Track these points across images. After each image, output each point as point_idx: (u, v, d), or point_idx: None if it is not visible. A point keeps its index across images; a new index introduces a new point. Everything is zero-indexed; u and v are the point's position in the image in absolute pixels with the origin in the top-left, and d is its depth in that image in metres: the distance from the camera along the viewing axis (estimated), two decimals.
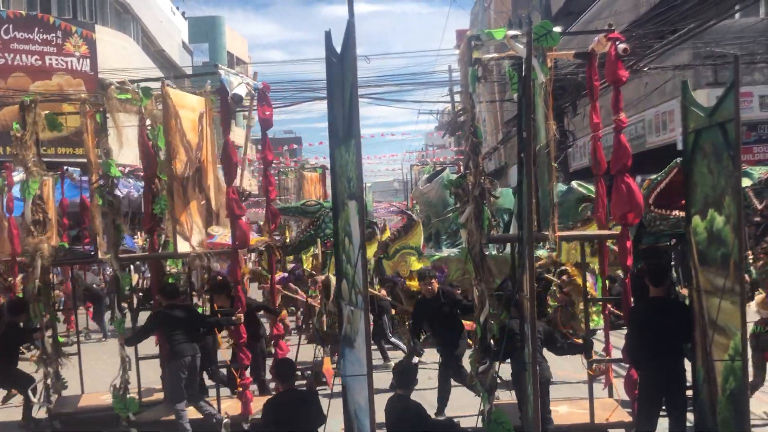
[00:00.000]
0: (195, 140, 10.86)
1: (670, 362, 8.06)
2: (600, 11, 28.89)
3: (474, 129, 8.53)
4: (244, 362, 10.65)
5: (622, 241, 9.02)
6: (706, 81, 21.41)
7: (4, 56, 35.29)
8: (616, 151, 8.93)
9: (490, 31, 8.68)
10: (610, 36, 8.83)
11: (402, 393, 7.39)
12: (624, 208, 8.78)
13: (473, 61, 8.54)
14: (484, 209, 8.57)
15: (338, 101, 6.84)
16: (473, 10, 55.97)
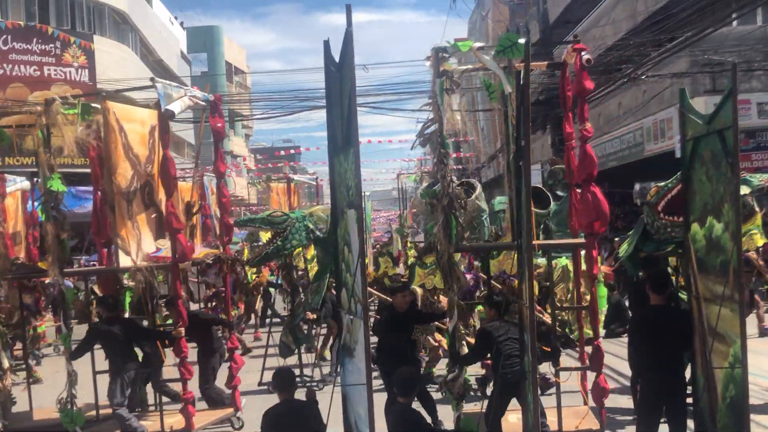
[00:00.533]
0: (144, 153, 10.75)
1: (671, 370, 8.05)
2: (597, 20, 28.96)
3: (442, 140, 8.71)
4: (185, 377, 10.52)
5: (589, 249, 9.07)
6: (704, 88, 21.44)
7: (3, 67, 35.35)
8: (582, 161, 8.96)
9: (457, 43, 8.80)
10: (575, 47, 8.93)
11: (404, 401, 7.38)
12: (590, 216, 8.85)
13: (441, 72, 8.68)
14: (452, 219, 8.67)
15: (337, 110, 6.85)
16: (471, 19, 56.08)
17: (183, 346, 10.47)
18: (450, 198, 8.67)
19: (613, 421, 10.93)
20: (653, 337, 8.15)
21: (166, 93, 10.41)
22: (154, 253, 10.78)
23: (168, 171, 10.27)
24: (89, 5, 40.03)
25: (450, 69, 8.80)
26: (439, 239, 8.76)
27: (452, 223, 8.68)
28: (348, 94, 6.20)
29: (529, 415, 7.20)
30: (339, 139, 6.85)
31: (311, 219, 12.72)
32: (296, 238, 12.47)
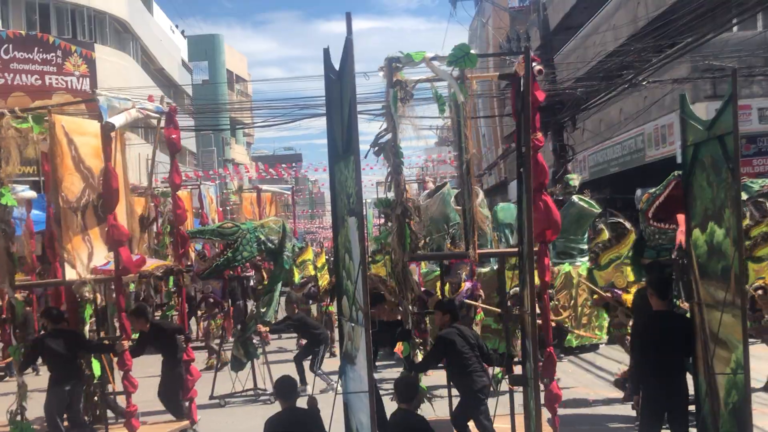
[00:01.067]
0: (99, 166, 10.68)
1: (674, 376, 8.04)
2: (598, 25, 28.99)
3: (396, 149, 8.73)
4: (129, 389, 10.42)
5: (541, 258, 9.13)
6: (704, 94, 21.45)
7: (4, 76, 35.38)
8: (533, 170, 9.02)
9: (410, 53, 8.84)
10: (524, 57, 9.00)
11: (405, 407, 7.37)
12: (542, 225, 8.90)
13: (394, 83, 8.75)
14: (406, 228, 8.73)
15: (337, 118, 6.86)
16: (472, 26, 56.12)
17: (127, 359, 10.38)
18: (404, 207, 8.75)
19: (616, 429, 10.92)
20: (656, 343, 8.13)
21: (110, 105, 10.33)
22: (102, 265, 10.76)
23: (110, 184, 10.17)
24: (90, 14, 40.11)
25: (403, 79, 8.89)
26: (393, 248, 8.86)
27: (406, 232, 8.76)
28: (348, 101, 6.20)
29: (531, 423, 7.19)
30: (339, 147, 6.86)
31: (263, 230, 12.68)
32: (247, 249, 12.40)
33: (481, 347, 9.38)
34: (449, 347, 9.15)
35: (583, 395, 12.76)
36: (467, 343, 9.14)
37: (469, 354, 9.10)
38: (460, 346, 9.08)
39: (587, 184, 29.82)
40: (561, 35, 32.22)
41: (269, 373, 13.53)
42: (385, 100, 8.93)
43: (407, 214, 8.74)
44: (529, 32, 31.38)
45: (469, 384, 9.13)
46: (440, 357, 9.41)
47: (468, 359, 9.09)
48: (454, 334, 9.23)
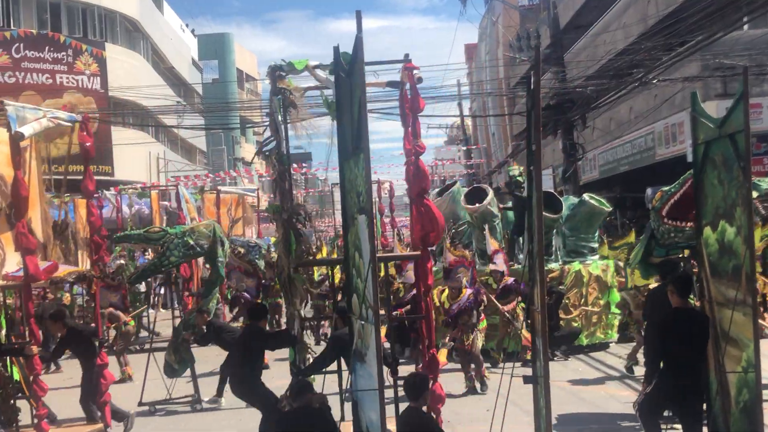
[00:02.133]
0: (10, 174, 10.59)
1: (693, 373, 8.01)
2: (608, 24, 28.93)
3: (280, 157, 8.89)
4: (38, 393, 10.42)
5: (424, 261, 9.22)
6: (715, 92, 21.38)
7: (15, 75, 35.56)
8: (415, 175, 9.11)
9: (292, 62, 9.05)
10: (407, 66, 9.07)
11: (414, 405, 7.37)
12: (425, 229, 8.99)
13: (277, 90, 8.93)
14: (291, 234, 8.85)
15: (347, 116, 6.87)
16: (481, 25, 56.06)
17: (36, 363, 10.38)
18: (289, 214, 8.87)
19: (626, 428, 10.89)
20: (676, 340, 8.10)
21: (18, 115, 10.27)
22: (14, 272, 10.77)
23: (19, 192, 10.17)
24: (101, 13, 40.23)
25: (288, 86, 9.06)
26: (279, 254, 9.03)
27: (292, 238, 8.88)
28: (358, 100, 6.21)
29: (541, 421, 7.18)
30: (349, 145, 6.86)
31: (192, 235, 12.58)
32: (174, 254, 12.26)
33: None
34: (342, 347, 9.23)
35: (592, 394, 12.73)
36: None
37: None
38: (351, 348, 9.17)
39: (597, 183, 29.79)
40: (571, 33, 32.14)
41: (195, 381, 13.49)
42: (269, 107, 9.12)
43: (294, 220, 8.89)
44: (539, 30, 31.31)
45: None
46: (333, 357, 9.45)
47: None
48: (346, 335, 9.30)
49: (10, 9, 36.93)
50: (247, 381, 10.04)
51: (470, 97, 60.68)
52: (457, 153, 63.59)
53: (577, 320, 16.48)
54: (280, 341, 10.22)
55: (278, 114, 8.97)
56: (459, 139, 65.09)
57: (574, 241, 17.55)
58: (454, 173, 56.03)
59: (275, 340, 10.39)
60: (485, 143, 60.89)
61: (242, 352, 10.32)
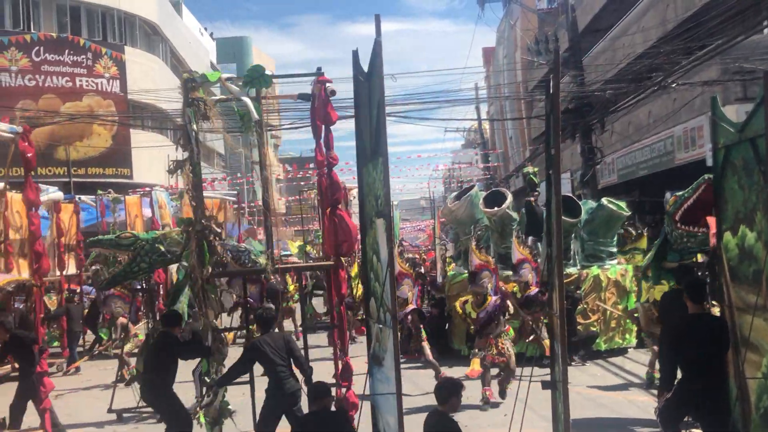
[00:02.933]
0: None
1: (712, 377, 7.96)
2: (627, 27, 28.81)
3: (193, 167, 9.12)
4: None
5: (337, 271, 9.29)
6: (735, 96, 21.22)
7: (36, 78, 35.77)
8: (329, 187, 9.17)
9: (206, 73, 9.27)
10: (320, 79, 9.19)
11: (442, 409, 7.39)
12: (338, 239, 9.09)
13: (190, 101, 9.08)
14: (204, 245, 9.01)
15: (366, 119, 6.87)
16: (499, 28, 56.01)
17: None
18: (202, 225, 9.03)
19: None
20: (693, 346, 8.06)
21: None
22: None
23: None
24: (120, 16, 40.42)
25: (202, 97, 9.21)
26: (192, 266, 9.16)
27: (205, 249, 9.04)
28: (377, 103, 6.21)
29: (559, 426, 7.15)
30: (368, 149, 6.87)
31: (164, 241, 12.50)
32: (145, 260, 12.17)
33: (294, 355, 9.50)
34: (258, 356, 9.30)
35: (611, 399, 12.68)
36: (277, 351, 9.27)
37: (279, 362, 9.24)
38: (270, 354, 9.22)
39: (616, 187, 29.66)
40: (589, 37, 32.03)
41: None
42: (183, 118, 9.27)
43: (206, 232, 9.04)
44: (557, 34, 31.24)
45: (278, 388, 9.27)
46: (248, 366, 9.57)
47: (277, 366, 9.24)
48: (263, 343, 9.35)
49: (31, 12, 37.16)
50: (156, 388, 9.98)
51: (488, 101, 60.63)
52: (475, 156, 63.53)
53: (595, 325, 16.42)
54: (192, 351, 10.21)
55: (191, 125, 9.13)
56: (476, 142, 65.03)
57: (593, 246, 17.48)
58: (471, 177, 56.00)
59: (188, 349, 10.29)
60: (503, 147, 60.78)
61: (154, 358, 10.25)
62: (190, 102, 9.10)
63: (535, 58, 31.02)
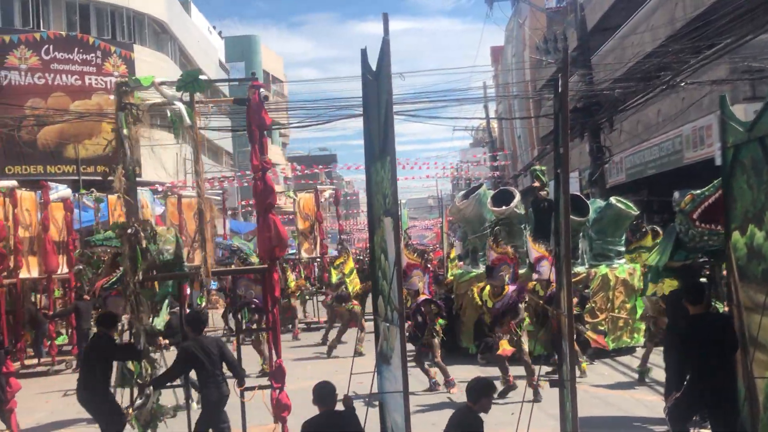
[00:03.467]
0: None
1: (719, 376, 7.95)
2: (636, 26, 28.76)
3: (127, 173, 9.21)
4: None
5: (270, 274, 9.36)
6: (743, 95, 21.17)
7: (45, 76, 35.86)
8: (263, 191, 9.23)
9: (139, 78, 9.37)
10: (254, 84, 9.34)
11: (470, 406, 7.43)
12: (271, 243, 9.15)
13: (123, 105, 9.17)
14: (137, 249, 9.09)
15: (374, 118, 6.88)
16: (508, 27, 55.94)
17: None
18: (136, 230, 9.12)
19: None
20: (698, 346, 8.06)
21: None
22: None
23: None
24: (129, 15, 40.50)
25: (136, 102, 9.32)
26: (125, 270, 9.22)
27: (138, 253, 9.11)
28: (385, 102, 6.21)
29: (567, 424, 7.15)
30: (376, 148, 6.87)
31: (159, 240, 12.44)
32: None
33: (228, 360, 9.50)
34: (190, 359, 9.26)
35: (619, 398, 12.67)
36: (208, 355, 9.24)
37: (209, 366, 9.22)
38: (202, 358, 9.19)
39: (624, 186, 29.62)
40: (598, 36, 31.97)
41: None
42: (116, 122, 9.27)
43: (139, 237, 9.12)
44: (566, 33, 31.18)
45: (207, 395, 9.28)
46: (182, 369, 9.54)
47: (207, 371, 9.22)
48: (194, 346, 9.33)
49: (40, 11, 37.25)
50: (89, 389, 9.91)
51: (496, 100, 60.56)
52: (483, 155, 63.49)
53: (603, 324, 16.39)
54: (125, 354, 10.12)
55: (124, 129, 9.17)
56: (484, 141, 64.97)
57: (601, 245, 17.45)
58: (479, 175, 55.96)
59: (121, 352, 10.20)
60: (511, 146, 60.73)
61: (88, 359, 10.19)
62: (122, 106, 9.17)
63: (544, 57, 30.99)
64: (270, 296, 9.56)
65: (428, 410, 12.31)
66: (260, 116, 9.27)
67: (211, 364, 9.25)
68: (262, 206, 9.36)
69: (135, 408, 9.51)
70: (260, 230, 9.56)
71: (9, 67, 35.39)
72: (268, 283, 9.53)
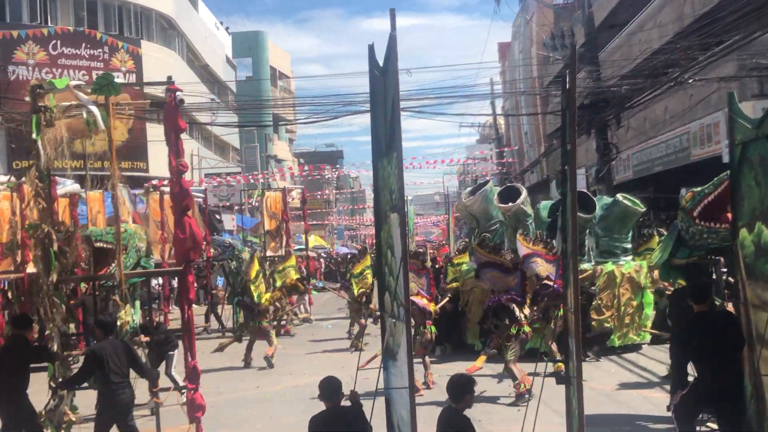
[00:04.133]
0: None
1: (728, 374, 7.94)
2: (644, 23, 28.69)
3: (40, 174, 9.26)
4: None
5: (185, 276, 9.43)
6: (752, 93, 21.10)
7: (52, 71, 35.87)
8: (179, 194, 9.25)
9: (52, 81, 9.50)
10: (169, 87, 9.36)
11: (454, 406, 7.39)
12: (187, 245, 9.16)
13: (37, 108, 9.18)
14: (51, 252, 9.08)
15: (381, 114, 6.87)
16: (515, 23, 55.84)
17: None
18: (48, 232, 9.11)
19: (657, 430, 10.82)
20: (703, 344, 8.06)
21: None
22: None
23: None
24: (137, 11, 40.55)
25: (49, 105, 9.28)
26: (39, 272, 9.27)
27: (51, 256, 9.10)
28: (392, 98, 6.21)
29: (573, 421, 7.15)
30: (382, 144, 6.87)
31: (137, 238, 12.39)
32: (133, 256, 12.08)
33: (137, 364, 9.47)
34: (98, 361, 9.20)
35: (625, 395, 12.66)
36: (117, 358, 9.19)
37: (116, 369, 9.17)
38: (109, 362, 9.13)
39: (631, 183, 29.55)
40: (606, 32, 31.88)
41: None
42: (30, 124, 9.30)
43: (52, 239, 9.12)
44: (573, 29, 31.13)
45: (110, 398, 9.21)
46: (89, 371, 9.43)
47: (113, 374, 9.16)
48: (102, 350, 9.27)
49: (48, 6, 37.30)
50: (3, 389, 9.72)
51: (503, 96, 60.49)
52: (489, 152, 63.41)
53: (609, 321, 16.38)
54: (38, 355, 9.95)
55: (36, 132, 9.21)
56: (491, 138, 64.90)
57: (607, 242, 17.44)
58: (486, 172, 55.90)
59: (35, 353, 10.01)
60: (518, 143, 60.66)
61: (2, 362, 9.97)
62: (36, 109, 9.19)
63: (551, 54, 30.97)
64: (185, 299, 9.57)
65: (434, 406, 12.32)
66: (176, 120, 9.31)
67: (118, 367, 9.19)
68: (177, 208, 9.40)
69: (47, 410, 9.40)
70: (176, 232, 9.59)
71: (17, 62, 35.42)
72: (183, 284, 9.55)
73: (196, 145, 47.95)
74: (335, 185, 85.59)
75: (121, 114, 10.47)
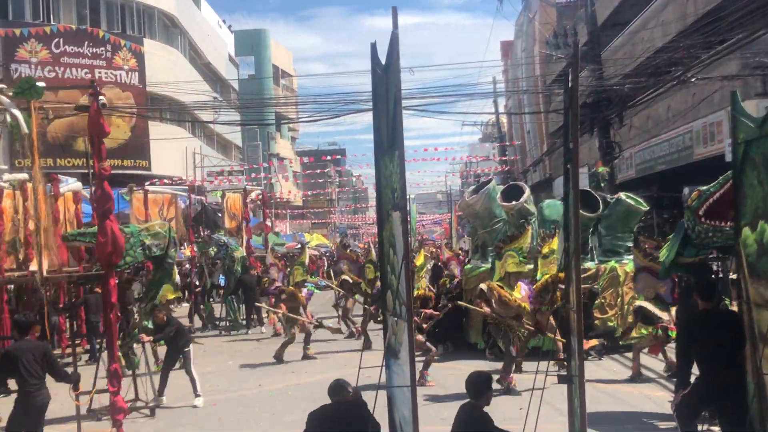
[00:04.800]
0: None
1: (731, 373, 7.94)
2: (647, 21, 28.67)
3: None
4: None
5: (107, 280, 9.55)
6: (755, 91, 21.08)
7: (55, 70, 35.91)
8: (101, 197, 9.26)
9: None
10: (91, 92, 9.33)
11: (474, 402, 7.42)
12: (108, 249, 9.19)
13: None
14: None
15: (383, 112, 6.86)
16: (518, 22, 55.82)
17: None
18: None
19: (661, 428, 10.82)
20: (707, 342, 8.06)
21: None
22: None
23: None
24: (139, 9, 40.57)
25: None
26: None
27: None
28: (394, 96, 6.20)
29: (576, 420, 7.14)
30: (385, 142, 6.86)
31: (147, 234, 12.28)
32: (129, 254, 12.01)
33: (53, 368, 9.32)
34: (10, 364, 9.12)
35: (627, 394, 12.65)
36: (32, 361, 9.05)
37: (32, 372, 9.05)
38: (25, 364, 9.01)
39: (634, 182, 29.53)
40: (609, 31, 31.88)
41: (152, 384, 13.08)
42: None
43: None
44: (576, 28, 31.11)
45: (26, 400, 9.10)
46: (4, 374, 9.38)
47: (29, 378, 9.05)
48: (17, 351, 9.17)
49: (51, 4, 37.32)
50: None
51: (506, 95, 60.48)
52: (492, 150, 63.39)
53: (612, 320, 16.37)
54: None
55: None
56: (494, 136, 64.88)
57: (610, 240, 17.43)
58: (488, 170, 55.88)
59: None
60: (520, 141, 60.67)
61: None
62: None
63: (554, 52, 30.93)
64: (107, 302, 9.56)
65: (437, 404, 12.32)
66: (99, 124, 9.30)
67: (32, 368, 9.06)
68: (100, 211, 9.42)
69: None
70: (98, 236, 9.63)
71: (19, 60, 35.44)
72: (105, 288, 9.55)
73: (199, 144, 47.99)
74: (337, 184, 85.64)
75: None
